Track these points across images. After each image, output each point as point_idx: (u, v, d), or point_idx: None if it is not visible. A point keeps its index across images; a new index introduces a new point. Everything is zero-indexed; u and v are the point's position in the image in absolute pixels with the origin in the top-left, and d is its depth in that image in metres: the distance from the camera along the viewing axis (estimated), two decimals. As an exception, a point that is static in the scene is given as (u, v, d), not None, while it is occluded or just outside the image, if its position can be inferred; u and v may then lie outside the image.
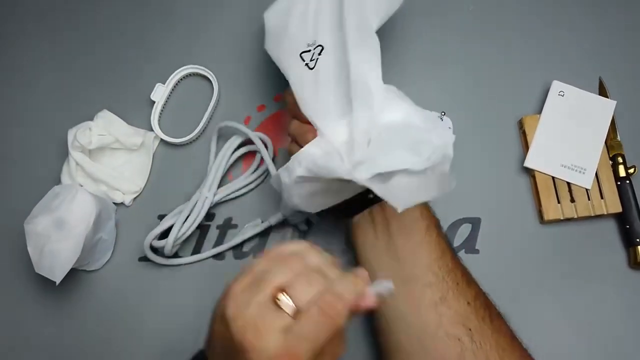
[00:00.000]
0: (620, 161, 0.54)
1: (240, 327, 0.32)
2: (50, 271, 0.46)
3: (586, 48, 0.59)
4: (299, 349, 0.31)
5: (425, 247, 0.43)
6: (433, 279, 0.41)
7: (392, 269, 0.43)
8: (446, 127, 0.38)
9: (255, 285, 0.33)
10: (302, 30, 0.45)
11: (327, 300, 0.32)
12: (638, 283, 0.52)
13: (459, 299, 0.41)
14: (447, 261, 0.43)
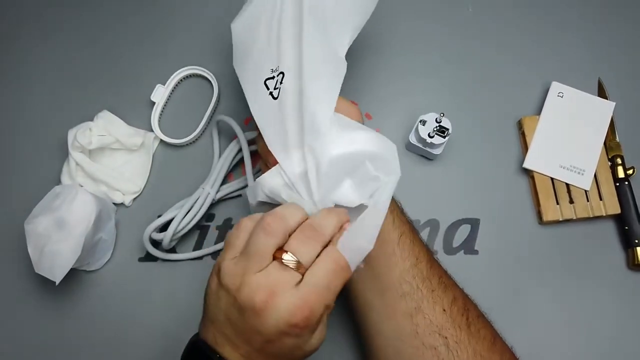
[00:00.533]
0: (619, 162, 0.54)
1: (249, 293, 0.32)
2: (50, 271, 0.46)
3: (585, 49, 0.59)
4: (315, 299, 0.32)
5: (398, 256, 0.42)
6: (407, 289, 0.41)
7: (369, 280, 0.42)
8: (395, 161, 0.37)
9: (250, 252, 0.34)
10: (266, 52, 0.43)
11: (336, 252, 0.34)
12: (637, 284, 0.52)
13: (434, 307, 0.40)
14: (422, 268, 0.42)
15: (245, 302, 0.33)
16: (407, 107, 0.57)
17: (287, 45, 0.42)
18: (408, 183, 0.55)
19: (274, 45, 0.43)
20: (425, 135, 0.52)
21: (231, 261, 0.34)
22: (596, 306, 0.51)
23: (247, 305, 0.33)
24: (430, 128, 0.52)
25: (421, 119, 0.52)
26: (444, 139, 0.52)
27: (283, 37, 0.43)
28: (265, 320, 0.32)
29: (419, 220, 0.54)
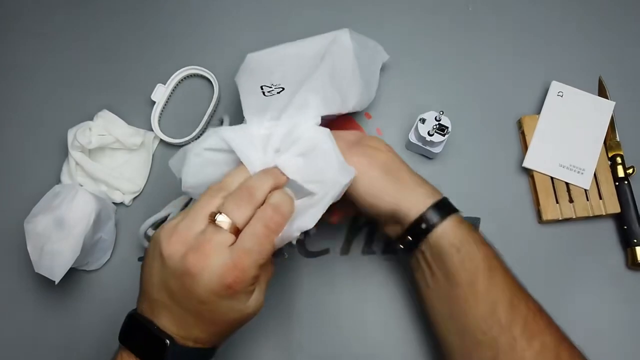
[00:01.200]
0: (619, 161, 0.54)
1: (181, 254, 0.33)
2: (50, 271, 0.46)
3: (585, 49, 0.59)
4: (247, 260, 0.33)
5: (471, 302, 0.39)
6: (482, 338, 0.38)
7: (447, 319, 0.41)
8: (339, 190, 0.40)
9: (188, 215, 0.35)
10: (271, 73, 0.48)
11: (267, 214, 0.34)
12: (636, 283, 0.52)
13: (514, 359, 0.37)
14: (500, 316, 0.38)
15: (179, 262, 0.33)
16: (407, 106, 0.57)
17: (292, 74, 0.47)
18: (408, 182, 0.55)
19: (280, 70, 0.47)
20: (424, 133, 0.52)
21: (170, 226, 0.35)
22: (595, 305, 0.51)
23: (180, 266, 0.33)
24: (430, 126, 0.52)
25: (421, 117, 0.52)
26: (443, 137, 0.52)
27: (292, 68, 0.48)
28: (199, 280, 0.33)
29: (418, 220, 0.54)
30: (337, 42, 0.49)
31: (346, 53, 0.48)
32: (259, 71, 0.48)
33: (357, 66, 0.49)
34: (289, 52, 0.49)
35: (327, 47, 0.48)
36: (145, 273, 0.36)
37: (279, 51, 0.50)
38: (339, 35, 0.49)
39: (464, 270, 0.40)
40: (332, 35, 0.49)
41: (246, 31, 0.60)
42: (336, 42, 0.49)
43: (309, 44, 0.49)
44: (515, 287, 0.40)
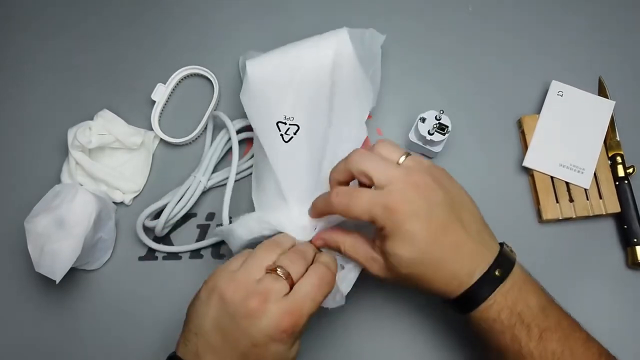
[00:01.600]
0: (619, 161, 0.54)
1: (242, 298, 0.36)
2: (50, 270, 0.46)
3: (585, 48, 0.59)
4: (302, 308, 0.36)
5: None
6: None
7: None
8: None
9: (247, 265, 0.38)
10: (280, 101, 0.50)
11: (321, 268, 0.39)
12: (636, 283, 0.52)
13: None
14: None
15: (239, 305, 0.36)
16: (407, 105, 0.57)
17: (304, 104, 0.49)
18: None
19: (291, 97, 0.49)
20: (425, 132, 0.52)
21: (227, 273, 0.38)
22: (595, 305, 0.52)
23: (241, 309, 0.35)
24: (430, 125, 0.52)
25: (421, 116, 0.52)
26: (443, 136, 0.52)
27: (303, 95, 0.50)
28: (257, 322, 0.35)
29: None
30: (341, 54, 0.49)
31: (351, 65, 0.49)
32: (266, 93, 0.49)
33: (363, 72, 0.50)
34: (291, 63, 0.50)
35: (332, 62, 0.49)
36: (197, 315, 0.38)
37: (281, 61, 0.50)
38: (340, 44, 0.50)
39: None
40: (332, 39, 0.50)
41: (246, 31, 0.60)
42: (340, 53, 0.49)
43: (310, 50, 0.50)
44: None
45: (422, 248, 0.37)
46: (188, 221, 0.54)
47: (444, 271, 0.38)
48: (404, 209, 0.37)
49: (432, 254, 0.37)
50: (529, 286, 0.39)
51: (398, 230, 0.37)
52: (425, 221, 0.37)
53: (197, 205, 0.54)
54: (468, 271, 0.38)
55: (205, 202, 0.55)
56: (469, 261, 0.38)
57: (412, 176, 0.38)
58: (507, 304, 0.37)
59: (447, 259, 0.38)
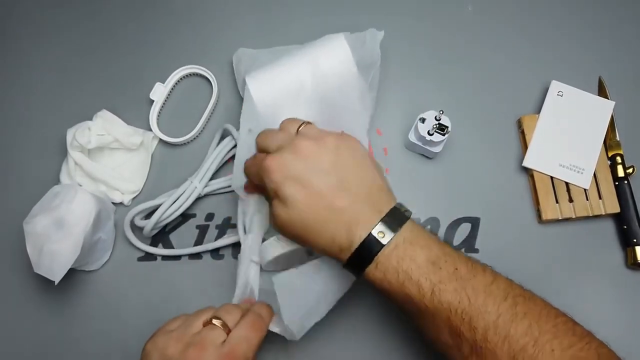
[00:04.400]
0: (619, 161, 0.54)
1: (181, 351, 0.38)
2: (49, 271, 0.46)
3: (585, 48, 0.59)
4: (238, 350, 0.39)
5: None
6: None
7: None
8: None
9: (185, 323, 0.41)
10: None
11: (254, 314, 0.42)
12: (635, 283, 0.52)
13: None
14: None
15: (180, 358, 0.38)
16: (407, 105, 0.57)
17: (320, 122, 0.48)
18: (408, 182, 0.55)
19: (294, 111, 0.49)
20: (424, 132, 0.52)
21: (166, 332, 0.40)
22: (595, 305, 0.52)
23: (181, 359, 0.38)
24: (430, 125, 0.52)
25: (420, 117, 0.52)
26: (443, 136, 0.52)
27: (307, 114, 0.48)
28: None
29: (419, 219, 0.54)
30: (341, 66, 0.50)
31: (352, 76, 0.50)
32: (272, 116, 0.49)
33: (363, 82, 0.50)
34: (293, 84, 0.50)
35: (334, 75, 0.50)
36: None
37: (283, 83, 0.50)
38: (340, 55, 0.50)
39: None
40: (332, 51, 0.50)
41: (246, 30, 0.60)
42: (341, 65, 0.50)
43: (311, 66, 0.50)
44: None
45: (297, 210, 0.38)
46: (187, 222, 0.54)
47: (323, 234, 0.39)
48: (281, 171, 0.39)
49: (308, 217, 0.38)
50: (419, 242, 0.38)
51: (276, 191, 0.39)
52: (300, 184, 0.39)
53: (196, 206, 0.54)
54: (349, 237, 0.38)
55: (205, 203, 0.55)
56: (347, 225, 0.38)
57: (297, 141, 0.40)
58: (392, 264, 0.37)
59: (323, 222, 0.38)
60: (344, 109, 0.50)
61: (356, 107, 0.50)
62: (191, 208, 0.54)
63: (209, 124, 0.57)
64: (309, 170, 0.39)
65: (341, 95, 0.50)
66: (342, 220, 0.38)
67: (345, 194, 0.39)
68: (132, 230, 0.53)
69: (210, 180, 0.53)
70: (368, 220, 0.38)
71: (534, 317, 0.36)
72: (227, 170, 0.55)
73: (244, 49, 0.57)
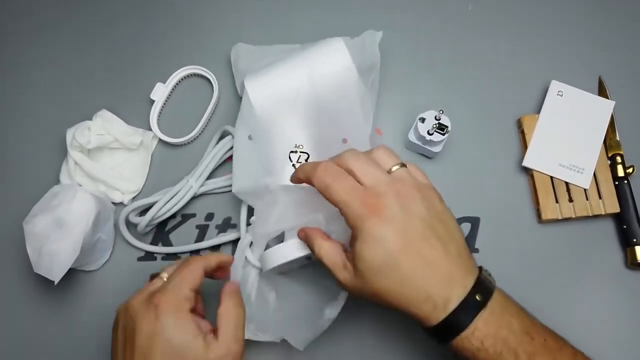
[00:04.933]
0: (619, 161, 0.54)
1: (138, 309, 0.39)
2: (49, 271, 0.46)
3: (585, 48, 0.59)
4: (169, 286, 0.39)
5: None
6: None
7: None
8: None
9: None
10: (288, 129, 0.51)
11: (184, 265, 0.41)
12: (635, 283, 0.52)
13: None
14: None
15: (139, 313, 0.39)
16: (406, 105, 0.57)
17: (309, 129, 0.50)
18: (407, 182, 0.55)
19: (297, 123, 0.50)
20: (424, 132, 0.52)
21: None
22: (594, 305, 0.52)
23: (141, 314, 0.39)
24: (430, 125, 0.52)
25: (420, 116, 0.52)
26: (443, 136, 0.52)
27: (308, 122, 0.50)
28: (133, 309, 0.39)
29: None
30: (341, 71, 0.50)
31: (352, 81, 0.50)
32: (272, 122, 0.50)
33: (363, 85, 0.50)
34: (292, 89, 0.50)
35: (334, 81, 0.50)
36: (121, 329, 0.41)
37: (282, 88, 0.50)
38: (340, 60, 0.50)
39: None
40: (332, 55, 0.50)
41: (247, 31, 0.60)
42: (340, 70, 0.50)
43: (310, 71, 0.50)
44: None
45: (393, 255, 0.35)
46: (187, 221, 0.54)
47: (415, 288, 0.35)
48: (379, 210, 0.36)
49: (403, 265, 0.35)
50: (510, 309, 0.37)
51: (369, 231, 0.35)
52: (399, 228, 0.36)
53: (196, 205, 0.54)
54: (444, 295, 0.35)
55: (205, 203, 0.55)
56: (445, 283, 0.36)
57: (397, 184, 0.37)
58: (490, 331, 0.35)
59: (419, 274, 0.35)
60: (344, 115, 0.50)
61: (357, 113, 0.50)
62: (191, 208, 0.54)
63: (209, 125, 0.57)
64: (409, 216, 0.36)
65: (341, 100, 0.50)
66: (439, 273, 0.36)
67: (443, 249, 0.36)
68: (128, 227, 0.53)
69: (207, 180, 0.53)
70: (463, 279, 0.36)
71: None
72: (224, 170, 0.55)
73: (242, 44, 0.57)
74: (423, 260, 0.36)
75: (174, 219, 0.54)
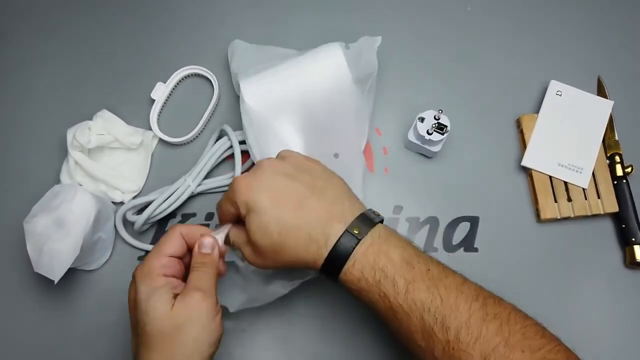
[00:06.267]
0: (617, 160, 0.54)
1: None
2: (49, 270, 0.46)
3: (584, 48, 0.59)
4: (147, 257, 0.40)
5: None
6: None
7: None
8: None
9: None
10: (287, 136, 0.51)
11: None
12: (634, 282, 0.52)
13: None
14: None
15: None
16: (406, 105, 0.57)
17: (306, 137, 0.50)
18: (407, 181, 0.55)
19: (292, 135, 0.51)
20: (423, 132, 0.52)
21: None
22: (593, 304, 0.52)
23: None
24: (429, 125, 0.52)
25: (420, 116, 0.52)
26: (442, 136, 0.52)
27: (305, 131, 0.51)
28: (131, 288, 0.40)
29: (418, 218, 0.54)
30: (338, 80, 0.50)
31: (348, 90, 0.50)
32: (269, 127, 0.50)
33: (360, 93, 0.50)
34: (289, 94, 0.50)
35: (330, 90, 0.50)
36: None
37: (279, 92, 0.51)
38: (336, 68, 0.50)
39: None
40: (329, 64, 0.51)
41: (247, 31, 0.60)
42: (337, 80, 0.50)
43: (307, 79, 0.50)
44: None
45: (268, 213, 0.39)
46: (187, 221, 0.54)
47: (296, 234, 0.38)
48: (253, 184, 0.40)
49: (279, 218, 0.38)
50: (392, 241, 0.39)
51: (248, 203, 0.39)
52: (266, 187, 0.39)
53: (196, 205, 0.54)
54: (325, 233, 0.38)
55: (205, 202, 0.55)
56: (323, 223, 0.39)
57: (260, 162, 0.42)
58: (369, 261, 0.37)
59: (296, 220, 0.39)
60: (337, 131, 0.50)
61: (350, 129, 0.51)
62: (191, 207, 0.54)
63: (209, 125, 0.57)
64: (273, 180, 0.40)
65: (335, 115, 0.50)
66: (317, 217, 0.39)
67: (317, 196, 0.40)
68: (125, 226, 0.53)
69: (204, 179, 0.53)
70: (342, 218, 0.39)
71: (504, 318, 0.36)
72: (222, 169, 0.55)
73: (239, 41, 0.57)
74: (296, 208, 0.39)
75: (174, 218, 0.54)
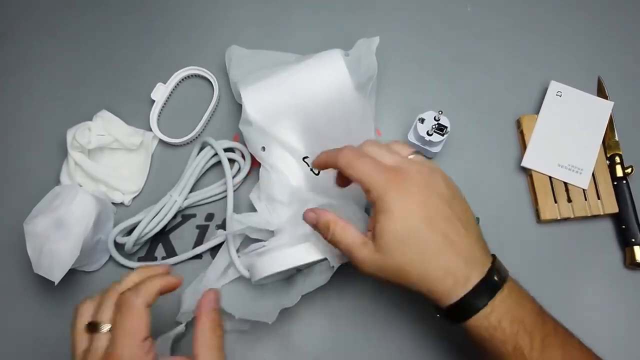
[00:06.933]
0: (617, 161, 0.54)
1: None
2: (49, 271, 0.46)
3: (584, 48, 0.59)
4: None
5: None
6: None
7: None
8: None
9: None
10: (298, 136, 0.51)
11: (123, 306, 0.37)
12: (634, 283, 0.52)
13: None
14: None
15: None
16: (406, 106, 0.57)
17: (311, 142, 0.50)
18: (407, 182, 0.55)
19: (299, 135, 0.50)
20: (423, 133, 0.52)
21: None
22: (593, 305, 0.52)
23: None
24: (429, 126, 0.52)
25: (420, 117, 0.52)
26: (442, 136, 0.52)
27: (309, 136, 0.50)
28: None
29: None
30: (339, 86, 0.50)
31: (350, 95, 0.50)
32: (263, 126, 0.50)
33: (362, 98, 0.50)
34: (290, 101, 0.50)
35: (331, 97, 0.50)
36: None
37: (280, 99, 0.50)
38: (337, 75, 0.50)
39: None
40: (329, 71, 0.50)
41: (247, 32, 0.60)
42: (338, 86, 0.50)
43: (308, 85, 0.50)
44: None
45: (417, 228, 0.35)
46: (187, 222, 0.54)
47: (437, 263, 0.35)
48: (403, 184, 0.36)
49: (426, 239, 0.35)
50: (523, 293, 0.38)
51: (394, 203, 0.36)
52: (422, 202, 0.36)
53: (196, 206, 0.54)
54: (465, 272, 0.36)
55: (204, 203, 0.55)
56: (466, 261, 0.36)
57: (416, 165, 0.39)
58: (507, 311, 0.36)
59: (442, 250, 0.35)
60: (343, 132, 0.50)
61: (354, 130, 0.50)
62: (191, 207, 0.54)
63: (209, 126, 0.57)
64: (431, 193, 0.37)
65: (339, 118, 0.50)
66: (461, 251, 0.36)
67: (464, 228, 0.37)
68: (117, 249, 0.52)
69: (190, 193, 0.53)
70: (483, 260, 0.37)
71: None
72: (207, 181, 0.55)
73: (235, 46, 0.57)
74: (445, 237, 0.36)
75: (174, 219, 0.54)
